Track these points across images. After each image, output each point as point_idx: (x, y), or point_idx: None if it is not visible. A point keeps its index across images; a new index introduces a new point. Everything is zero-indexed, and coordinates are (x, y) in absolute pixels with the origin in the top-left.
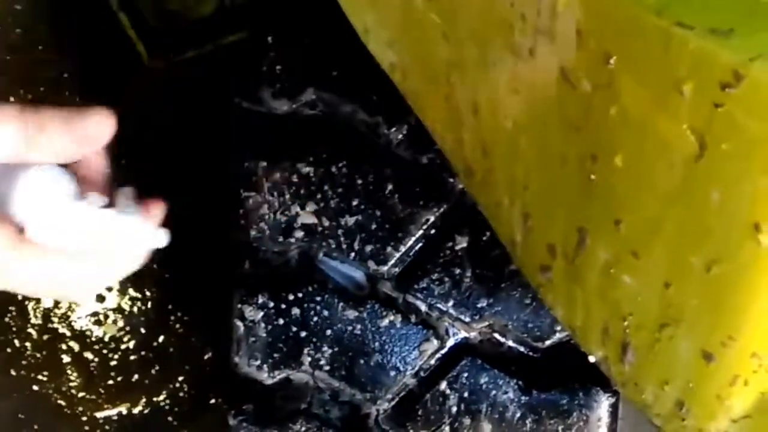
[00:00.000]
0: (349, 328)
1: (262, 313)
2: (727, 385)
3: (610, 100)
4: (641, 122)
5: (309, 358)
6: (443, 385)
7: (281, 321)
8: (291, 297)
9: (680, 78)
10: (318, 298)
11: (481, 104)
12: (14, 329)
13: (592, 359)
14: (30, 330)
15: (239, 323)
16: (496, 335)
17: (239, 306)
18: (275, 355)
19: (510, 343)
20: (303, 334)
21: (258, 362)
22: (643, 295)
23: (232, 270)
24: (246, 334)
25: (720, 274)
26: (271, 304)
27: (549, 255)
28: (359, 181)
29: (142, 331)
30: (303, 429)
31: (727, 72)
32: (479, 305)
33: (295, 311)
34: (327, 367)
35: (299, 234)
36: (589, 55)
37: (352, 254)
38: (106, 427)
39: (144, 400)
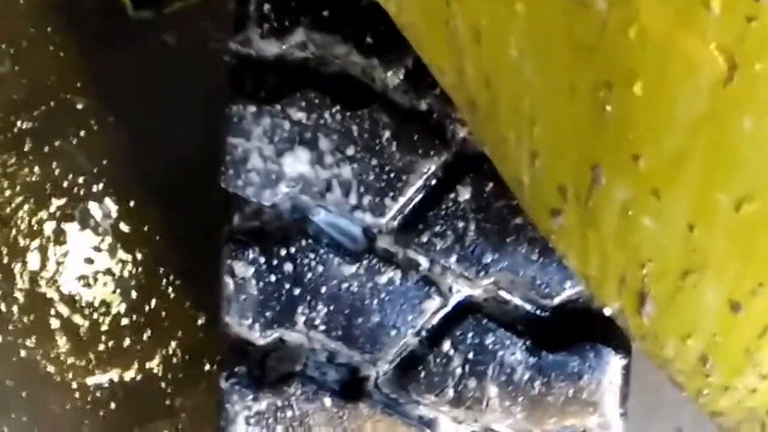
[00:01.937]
0: (346, 285)
1: (252, 269)
2: (757, 337)
3: (628, 20)
4: (663, 43)
5: (303, 317)
6: (446, 346)
7: (273, 277)
8: (283, 252)
9: None
10: (312, 254)
11: (483, 30)
12: (0, 293)
13: (607, 312)
14: (17, 294)
15: (229, 280)
16: (502, 292)
17: (229, 261)
18: (267, 313)
19: (517, 300)
20: (296, 291)
21: (249, 321)
22: (664, 239)
23: (222, 223)
24: (236, 292)
25: (750, 213)
26: (263, 260)
27: (560, 197)
28: (354, 128)
29: (133, 294)
30: (298, 392)
31: None
32: (484, 260)
33: (288, 267)
34: (323, 327)
35: (291, 184)
36: None
37: (348, 206)
38: (97, 394)
39: (136, 366)
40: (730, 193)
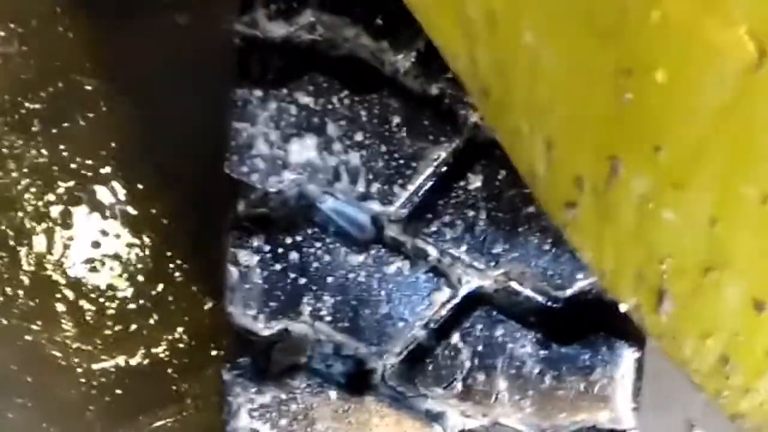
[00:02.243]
0: (353, 275)
1: (257, 258)
2: None
3: (650, 2)
4: (687, 28)
5: (309, 308)
6: (455, 338)
7: (278, 266)
8: (289, 240)
9: None
10: (318, 242)
11: (497, 13)
12: (6, 276)
13: (623, 308)
14: (22, 277)
15: (233, 268)
16: (513, 284)
17: (233, 249)
18: (272, 303)
19: (528, 292)
20: (302, 281)
21: (253, 311)
22: (685, 234)
23: (226, 210)
24: (240, 281)
25: None
26: (268, 248)
27: (575, 189)
28: (363, 114)
29: (140, 278)
30: (303, 385)
31: None
32: (495, 251)
33: (294, 256)
34: (328, 318)
35: (298, 171)
36: None
37: (356, 194)
38: (103, 379)
39: (142, 351)
40: (756, 186)
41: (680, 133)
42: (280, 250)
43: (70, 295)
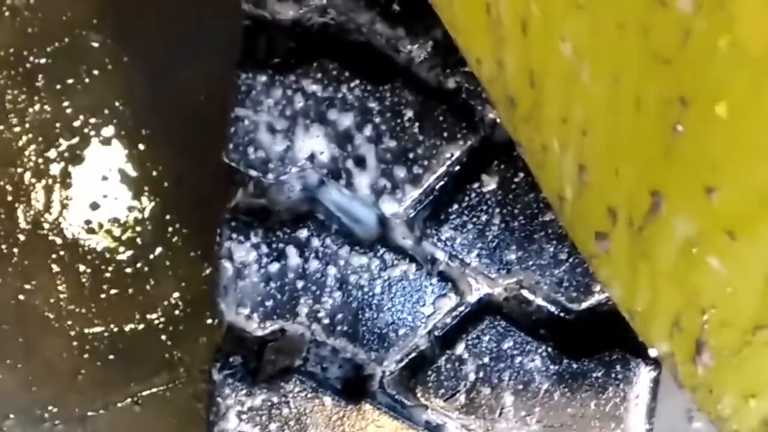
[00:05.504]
0: (355, 276)
1: (254, 254)
2: None
3: (720, 27)
4: (762, 58)
5: (306, 309)
6: (460, 348)
7: (276, 265)
8: (288, 237)
9: None
10: (320, 241)
11: (532, 19)
12: (2, 233)
13: (652, 353)
14: (19, 235)
15: (227, 264)
16: (525, 293)
17: (228, 244)
18: (267, 303)
19: (540, 302)
20: (300, 282)
21: (247, 311)
22: (735, 286)
23: (223, 201)
24: (234, 278)
25: None
26: (265, 244)
27: (609, 220)
28: (374, 106)
29: (138, 242)
30: (296, 389)
31: None
32: (507, 258)
33: (293, 254)
34: (327, 321)
35: (301, 163)
36: None
37: (362, 191)
38: (96, 344)
39: (137, 316)
40: None
41: (740, 176)
42: (279, 247)
43: (66, 256)
